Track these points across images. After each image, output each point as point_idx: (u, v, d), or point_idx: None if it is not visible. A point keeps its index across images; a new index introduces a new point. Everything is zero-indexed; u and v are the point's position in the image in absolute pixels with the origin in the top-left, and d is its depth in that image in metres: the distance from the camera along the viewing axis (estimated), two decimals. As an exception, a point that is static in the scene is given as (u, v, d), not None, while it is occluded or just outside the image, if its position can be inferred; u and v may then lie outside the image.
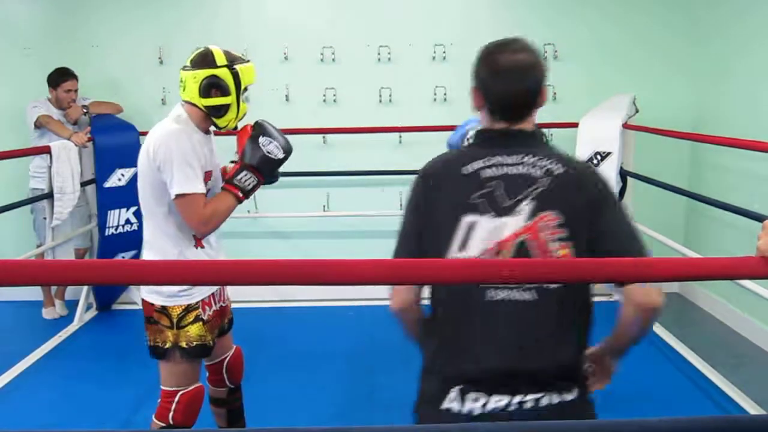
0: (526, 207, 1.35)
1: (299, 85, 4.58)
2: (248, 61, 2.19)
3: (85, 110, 4.29)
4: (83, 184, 4.19)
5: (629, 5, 4.52)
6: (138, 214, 4.25)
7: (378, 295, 4.29)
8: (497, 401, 1.34)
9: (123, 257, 4.29)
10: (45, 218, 4.09)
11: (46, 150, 3.90)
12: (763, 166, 3.68)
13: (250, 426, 2.70)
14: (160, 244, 2.15)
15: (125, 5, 4.54)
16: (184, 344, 2.16)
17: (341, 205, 4.67)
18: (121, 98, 4.48)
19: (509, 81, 1.41)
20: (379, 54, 4.56)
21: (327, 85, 4.59)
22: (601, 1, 4.54)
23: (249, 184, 2.14)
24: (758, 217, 2.90)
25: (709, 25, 4.34)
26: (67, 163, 3.94)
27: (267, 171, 2.17)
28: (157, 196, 2.10)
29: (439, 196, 1.41)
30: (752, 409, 3.00)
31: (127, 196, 4.27)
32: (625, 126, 4.05)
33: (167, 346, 2.16)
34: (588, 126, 4.13)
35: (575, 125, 4.18)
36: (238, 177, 2.13)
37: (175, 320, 2.14)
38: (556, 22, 4.52)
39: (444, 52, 4.56)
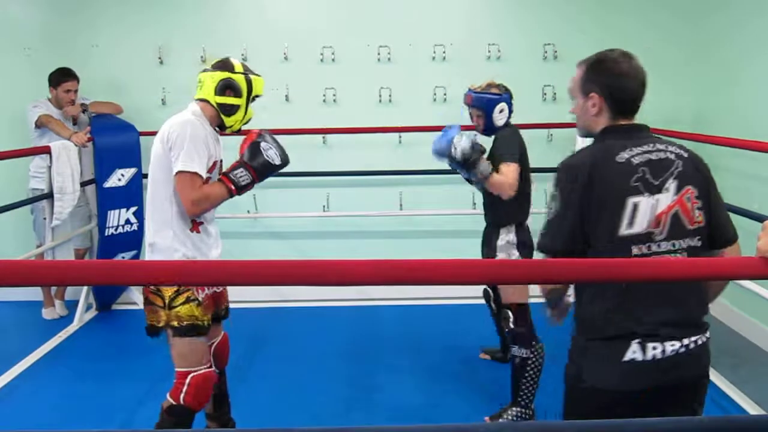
0: (671, 184, 1.62)
1: (299, 85, 4.58)
2: (260, 75, 2.44)
3: (84, 108, 4.29)
4: (83, 184, 4.19)
5: (629, 6, 4.52)
6: (138, 214, 4.26)
7: (377, 295, 4.35)
8: (672, 346, 1.61)
9: (123, 257, 4.29)
10: (45, 218, 4.08)
11: (46, 150, 3.90)
12: (763, 166, 3.68)
13: (251, 426, 2.70)
14: (159, 227, 2.31)
15: (125, 5, 4.54)
16: (175, 323, 2.30)
17: (341, 205, 4.67)
18: (121, 98, 4.48)
19: (635, 82, 1.70)
20: (379, 54, 4.56)
21: (327, 85, 4.59)
22: (602, 1, 4.54)
23: (243, 181, 2.31)
24: (758, 217, 2.91)
25: (709, 25, 4.34)
26: (67, 163, 3.94)
27: (262, 173, 2.34)
28: (165, 178, 2.28)
29: (602, 182, 1.61)
30: (752, 409, 3.00)
31: (127, 196, 4.27)
32: (625, 126, 4.04)
33: (160, 325, 2.32)
34: (588, 126, 4.12)
35: (575, 125, 4.16)
36: (235, 172, 2.31)
37: (167, 301, 2.29)
38: (555, 22, 4.52)
39: (444, 52, 4.56)
